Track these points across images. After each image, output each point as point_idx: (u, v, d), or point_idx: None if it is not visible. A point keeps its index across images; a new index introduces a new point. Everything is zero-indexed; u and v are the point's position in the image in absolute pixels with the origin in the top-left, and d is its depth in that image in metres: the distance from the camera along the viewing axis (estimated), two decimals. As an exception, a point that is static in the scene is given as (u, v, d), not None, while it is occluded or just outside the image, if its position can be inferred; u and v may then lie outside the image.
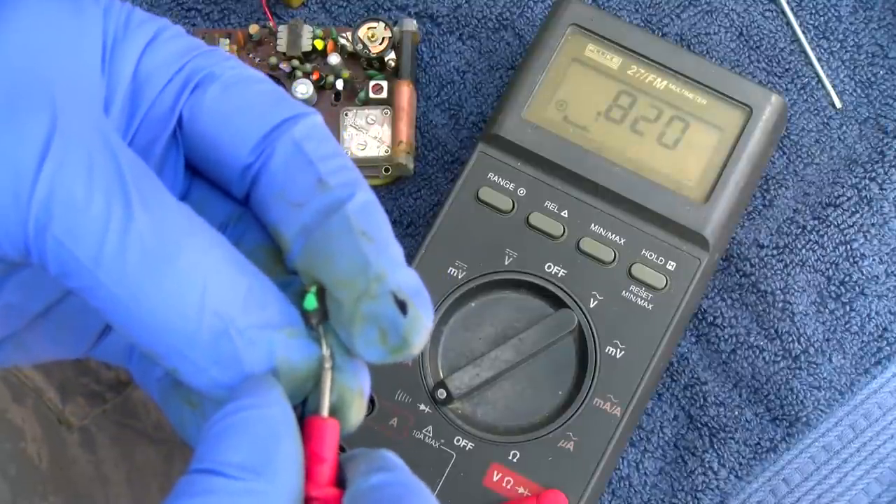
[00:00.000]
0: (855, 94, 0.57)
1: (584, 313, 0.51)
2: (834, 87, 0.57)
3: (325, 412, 0.34)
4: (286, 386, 0.33)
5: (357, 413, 0.35)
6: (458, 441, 0.50)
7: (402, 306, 0.33)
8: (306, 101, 0.56)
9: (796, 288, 0.54)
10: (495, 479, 0.50)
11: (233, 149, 0.35)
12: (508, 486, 0.50)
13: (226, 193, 0.37)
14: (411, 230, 0.56)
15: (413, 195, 0.56)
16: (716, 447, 0.53)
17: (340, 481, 0.33)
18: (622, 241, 0.52)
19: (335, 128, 0.56)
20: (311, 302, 0.34)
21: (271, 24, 0.57)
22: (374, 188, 0.56)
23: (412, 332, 0.33)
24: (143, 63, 0.35)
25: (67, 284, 0.32)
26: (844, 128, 0.56)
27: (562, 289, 0.51)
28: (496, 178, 0.53)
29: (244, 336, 0.32)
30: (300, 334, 0.33)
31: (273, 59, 0.56)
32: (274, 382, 0.33)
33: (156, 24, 0.36)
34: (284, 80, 0.56)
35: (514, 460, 0.50)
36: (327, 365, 0.34)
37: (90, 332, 0.38)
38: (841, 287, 0.54)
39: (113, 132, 0.33)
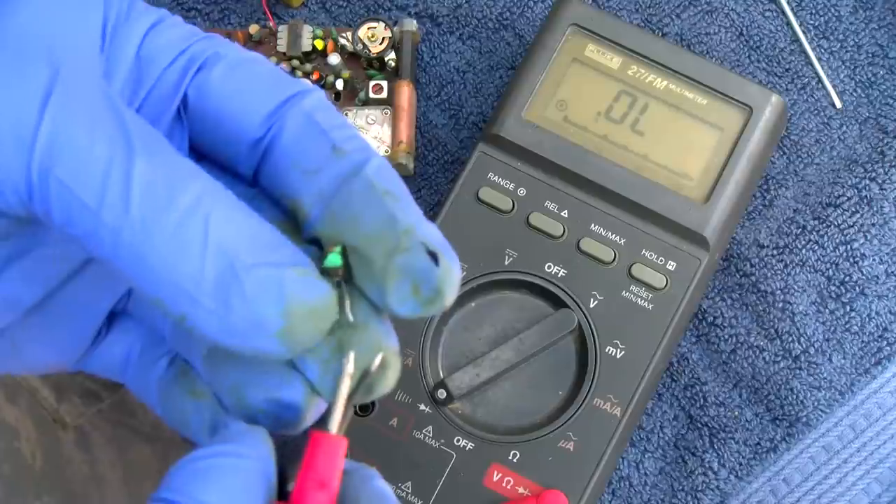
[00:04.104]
0: (855, 94, 0.57)
1: (584, 313, 0.51)
2: (834, 87, 0.57)
3: (335, 427, 0.32)
4: (301, 328, 0.32)
5: (396, 374, 0.34)
6: (458, 441, 0.50)
7: (434, 257, 0.33)
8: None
9: (796, 288, 0.54)
10: (495, 479, 0.50)
11: (242, 124, 0.35)
12: (508, 486, 0.50)
13: (233, 176, 0.37)
14: (411, 230, 0.56)
15: (413, 195, 0.56)
16: (716, 447, 0.53)
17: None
18: (622, 241, 0.52)
19: (335, 128, 0.56)
20: (334, 259, 0.33)
21: (271, 24, 0.57)
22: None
23: (445, 283, 0.33)
24: (147, 44, 0.36)
25: (71, 232, 0.32)
26: (844, 128, 0.56)
27: (562, 289, 0.51)
28: (496, 178, 0.53)
29: (251, 274, 0.32)
30: (311, 274, 0.33)
31: (273, 59, 0.56)
32: (264, 437, 0.33)
33: (158, 12, 0.37)
34: (284, 79, 0.56)
35: (514, 460, 0.50)
36: (348, 372, 0.33)
37: (84, 333, 0.38)
38: (841, 287, 0.54)
39: (111, 90, 0.33)
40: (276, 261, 0.32)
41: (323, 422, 0.33)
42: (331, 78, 0.56)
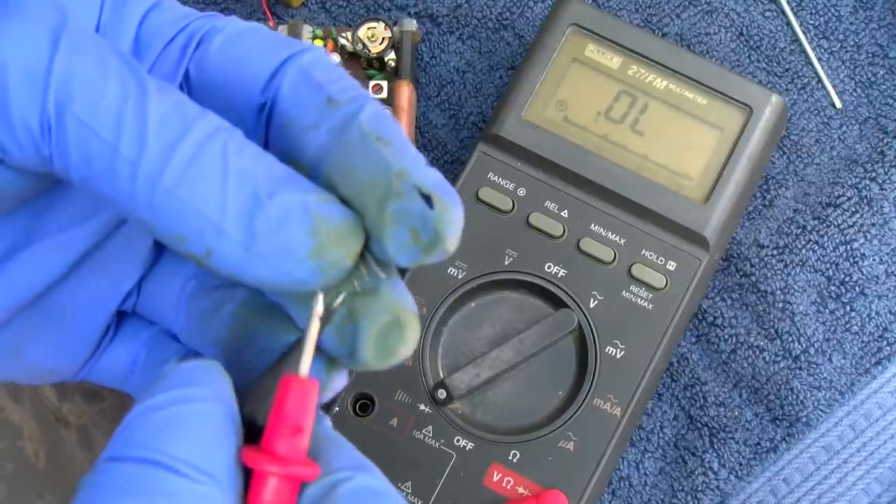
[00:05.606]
0: (855, 94, 0.57)
1: (584, 313, 0.51)
2: (834, 87, 0.57)
3: (305, 369, 0.31)
4: (330, 248, 0.32)
5: (415, 334, 0.33)
6: (458, 441, 0.50)
7: (429, 200, 0.31)
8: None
9: (796, 288, 0.54)
10: (495, 479, 0.50)
11: (244, 93, 0.35)
12: (508, 486, 0.50)
13: None
14: (411, 230, 0.56)
15: (413, 195, 0.56)
16: (716, 447, 0.53)
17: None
18: (622, 241, 0.52)
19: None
20: None
21: (271, 24, 0.57)
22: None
23: (444, 225, 0.32)
24: (146, 24, 0.36)
25: (86, 174, 0.32)
26: (844, 128, 0.56)
27: (562, 289, 0.51)
28: (496, 178, 0.53)
29: (275, 199, 0.31)
30: (333, 200, 0.32)
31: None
32: (220, 372, 0.32)
33: None
34: (284, 79, 0.56)
35: (514, 460, 0.50)
36: (317, 313, 0.32)
37: (90, 331, 0.38)
38: (841, 287, 0.54)
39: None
40: (297, 188, 0.32)
41: (292, 364, 0.32)
42: (331, 78, 0.56)
